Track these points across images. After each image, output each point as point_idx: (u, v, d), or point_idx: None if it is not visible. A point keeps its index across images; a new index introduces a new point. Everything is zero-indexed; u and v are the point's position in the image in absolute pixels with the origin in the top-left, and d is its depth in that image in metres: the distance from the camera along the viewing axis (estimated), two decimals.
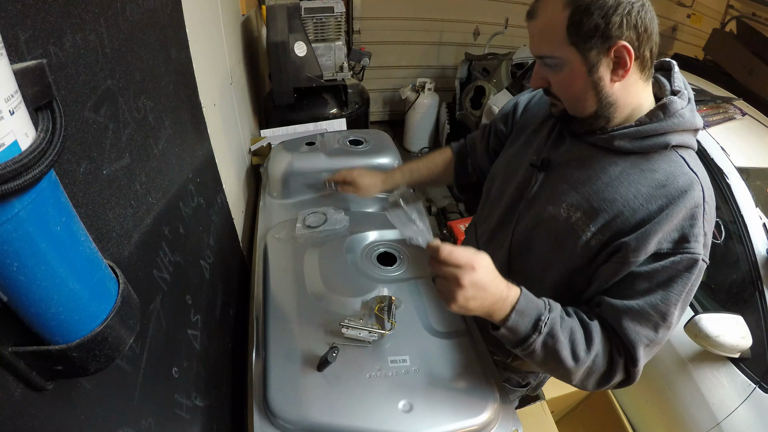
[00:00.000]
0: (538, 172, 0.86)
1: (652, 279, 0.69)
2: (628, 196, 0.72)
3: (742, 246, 1.42)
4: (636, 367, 0.71)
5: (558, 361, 0.71)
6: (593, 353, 0.71)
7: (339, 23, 1.98)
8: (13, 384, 0.37)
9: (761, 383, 1.27)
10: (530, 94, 1.04)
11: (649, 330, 0.69)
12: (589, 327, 0.72)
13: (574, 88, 0.74)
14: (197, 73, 1.01)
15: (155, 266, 0.68)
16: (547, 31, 0.71)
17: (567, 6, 0.68)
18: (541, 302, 0.73)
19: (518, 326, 0.70)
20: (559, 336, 0.70)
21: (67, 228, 0.37)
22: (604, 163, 0.76)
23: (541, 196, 0.85)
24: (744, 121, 1.85)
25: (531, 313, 0.70)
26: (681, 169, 0.72)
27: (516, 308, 0.70)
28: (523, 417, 0.87)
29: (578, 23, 0.67)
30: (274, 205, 1.41)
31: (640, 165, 0.74)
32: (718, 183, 1.52)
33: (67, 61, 0.47)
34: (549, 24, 0.70)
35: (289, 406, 0.80)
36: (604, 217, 0.74)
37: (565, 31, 0.68)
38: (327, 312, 0.98)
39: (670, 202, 0.69)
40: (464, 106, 3.27)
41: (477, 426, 0.81)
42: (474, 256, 0.68)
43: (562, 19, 0.68)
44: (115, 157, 0.57)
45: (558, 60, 0.72)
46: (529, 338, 0.70)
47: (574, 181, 0.79)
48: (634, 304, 0.69)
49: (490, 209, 1.01)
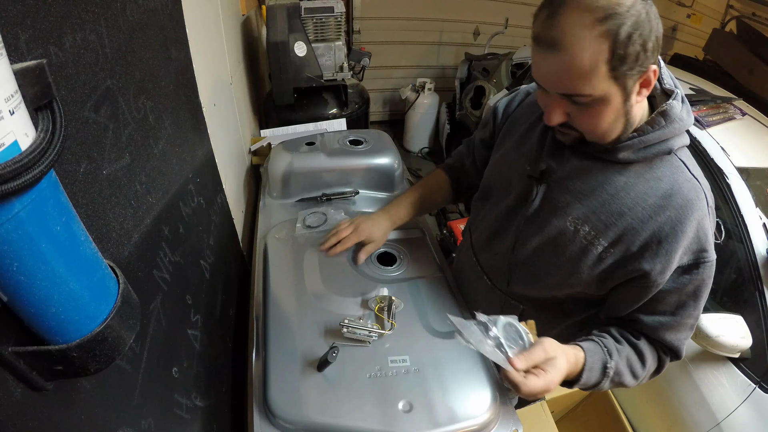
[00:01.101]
0: (537, 184, 0.83)
1: (681, 292, 0.74)
2: (636, 209, 0.72)
3: (742, 246, 1.42)
4: (680, 358, 0.82)
5: (623, 385, 0.82)
6: (647, 367, 0.81)
7: (339, 23, 1.98)
8: (13, 384, 0.37)
9: (761, 383, 1.27)
10: (508, 98, 1.00)
11: (687, 332, 0.79)
12: (639, 347, 0.80)
13: (606, 120, 0.67)
14: (197, 73, 1.01)
15: (155, 266, 0.68)
16: (583, 68, 0.61)
17: (605, 36, 0.59)
18: (601, 350, 0.78)
19: (590, 380, 0.78)
20: (622, 370, 0.79)
21: (67, 228, 0.37)
22: (608, 174, 0.75)
23: (543, 209, 0.82)
24: (744, 121, 1.85)
25: (597, 366, 0.78)
26: (684, 176, 0.72)
27: (585, 367, 0.77)
28: (523, 417, 0.87)
29: (623, 56, 0.60)
30: (274, 205, 1.41)
31: (644, 174, 0.73)
32: (718, 183, 1.52)
33: (67, 61, 0.47)
34: (586, 59, 0.60)
35: (289, 406, 0.80)
36: (613, 231, 0.74)
37: (607, 66, 0.60)
38: (327, 312, 0.98)
39: (679, 216, 0.70)
40: (464, 106, 3.26)
41: (477, 426, 0.81)
42: (550, 375, 0.70)
43: (602, 52, 0.59)
44: (115, 157, 0.57)
45: (593, 97, 0.64)
46: (600, 383, 0.79)
47: (577, 192, 0.77)
48: (672, 319, 0.77)
49: (485, 216, 0.99)
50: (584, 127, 0.71)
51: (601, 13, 0.58)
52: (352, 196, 1.43)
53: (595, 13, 0.58)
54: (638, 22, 0.59)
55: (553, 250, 0.81)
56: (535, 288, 0.89)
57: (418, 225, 1.30)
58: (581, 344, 0.78)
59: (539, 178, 0.82)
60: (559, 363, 0.72)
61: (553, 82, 0.66)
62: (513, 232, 0.89)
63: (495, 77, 3.10)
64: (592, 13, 0.58)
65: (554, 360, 0.72)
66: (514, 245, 0.89)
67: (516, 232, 0.88)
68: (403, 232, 1.25)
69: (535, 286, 0.89)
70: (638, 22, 0.59)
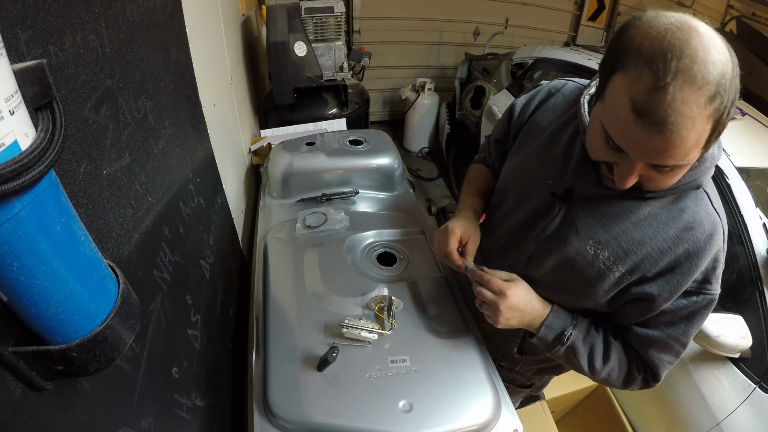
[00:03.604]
0: (561, 203, 0.79)
1: (675, 313, 0.75)
2: (657, 239, 0.72)
3: (742, 246, 1.42)
4: (657, 382, 0.82)
5: (577, 367, 0.84)
6: (608, 368, 0.81)
7: (339, 23, 1.98)
8: (13, 384, 0.37)
9: (761, 383, 1.27)
10: (527, 97, 0.94)
11: (671, 356, 0.79)
12: (609, 346, 0.82)
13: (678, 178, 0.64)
14: (197, 73, 1.01)
15: (155, 266, 0.68)
16: (688, 147, 0.56)
17: (713, 116, 0.54)
18: (569, 318, 0.83)
19: (546, 337, 0.83)
20: (580, 348, 0.81)
21: (67, 228, 0.37)
22: (634, 202, 0.73)
23: (563, 228, 0.79)
24: (744, 121, 1.84)
25: (557, 327, 0.82)
26: (706, 210, 0.71)
27: (545, 323, 0.82)
28: (523, 417, 0.87)
29: (721, 131, 0.57)
30: (274, 205, 1.41)
31: (669, 205, 0.72)
32: (719, 183, 1.52)
33: (67, 61, 0.47)
34: (693, 140, 0.55)
35: (289, 406, 0.80)
36: (632, 258, 0.73)
37: (707, 142, 0.57)
38: (327, 312, 0.98)
39: (697, 251, 0.70)
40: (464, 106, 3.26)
41: (477, 426, 0.81)
42: (506, 286, 0.80)
43: (707, 132, 0.56)
44: (115, 157, 0.57)
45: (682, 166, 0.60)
46: (554, 347, 0.83)
47: (600, 216, 0.75)
48: (659, 336, 0.77)
49: (498, 224, 0.95)
50: (652, 185, 0.66)
51: (711, 90, 0.52)
52: (352, 196, 1.43)
53: (707, 91, 0.52)
54: (735, 93, 0.54)
55: (570, 271, 0.79)
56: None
57: (418, 225, 1.30)
58: (554, 305, 0.84)
59: (563, 196, 0.79)
60: (517, 288, 0.80)
61: (650, 157, 0.60)
62: (529, 247, 0.86)
63: (495, 77, 3.10)
64: (704, 92, 0.52)
65: (515, 282, 0.81)
66: (529, 261, 0.86)
67: (532, 247, 0.85)
68: (403, 232, 1.25)
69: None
70: (735, 93, 0.54)
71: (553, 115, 0.86)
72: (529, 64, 2.79)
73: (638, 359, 0.82)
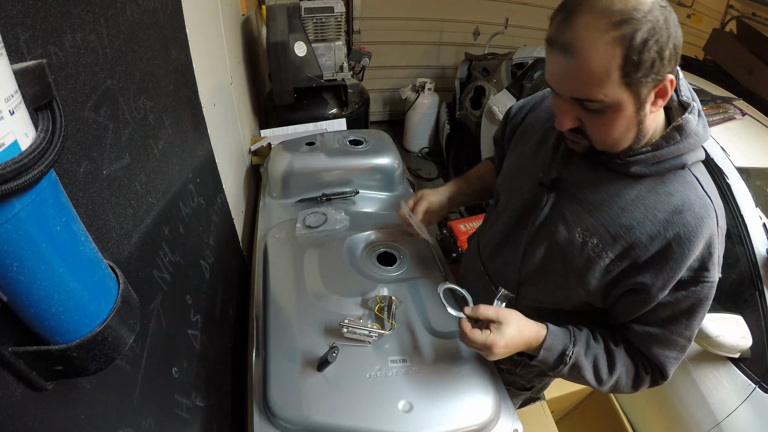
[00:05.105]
0: (548, 192, 0.81)
1: (675, 307, 0.73)
2: (645, 223, 0.71)
3: (742, 246, 1.42)
4: (665, 380, 0.80)
5: (584, 381, 0.82)
6: (615, 375, 0.80)
7: (339, 23, 1.98)
8: (13, 384, 0.37)
9: (761, 383, 1.27)
10: (524, 101, 0.98)
11: (677, 351, 0.77)
12: (612, 354, 0.80)
13: (618, 128, 0.66)
14: (197, 73, 1.01)
15: (155, 266, 0.68)
16: (595, 73, 0.60)
17: (619, 41, 0.57)
18: (567, 336, 0.81)
19: (547, 360, 0.81)
20: (584, 364, 0.80)
21: (67, 228, 0.37)
22: (619, 186, 0.73)
23: (552, 218, 0.81)
24: (744, 121, 1.84)
25: (557, 348, 0.80)
26: (696, 193, 0.70)
27: (544, 346, 0.80)
28: (523, 417, 0.87)
29: (637, 63, 0.58)
30: (274, 205, 1.41)
31: (656, 188, 0.71)
32: (718, 183, 1.52)
33: (67, 61, 0.47)
34: (597, 64, 0.59)
35: (289, 406, 0.80)
36: (621, 244, 0.73)
37: (620, 72, 0.59)
38: (327, 312, 0.98)
39: (688, 234, 0.68)
40: (464, 106, 3.26)
41: (477, 426, 0.81)
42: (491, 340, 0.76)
43: (615, 57, 0.58)
44: (115, 157, 0.57)
45: (605, 103, 0.63)
46: (557, 367, 0.81)
47: (587, 203, 0.76)
48: (661, 332, 0.76)
49: (493, 223, 0.97)
50: (595, 135, 0.69)
51: (616, 17, 0.57)
52: (352, 196, 1.43)
53: (610, 17, 0.57)
54: (655, 28, 0.57)
55: (561, 260, 0.80)
56: (544, 300, 0.89)
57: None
58: (549, 326, 0.82)
59: (550, 186, 0.81)
60: (505, 329, 0.77)
61: (565, 85, 0.65)
62: (523, 242, 0.86)
63: (495, 77, 3.10)
64: (607, 18, 0.57)
65: (501, 325, 0.77)
66: (523, 257, 0.87)
67: (526, 241, 0.86)
68: (404, 232, 1.25)
69: (544, 298, 0.88)
70: (655, 28, 0.57)
71: (546, 115, 0.89)
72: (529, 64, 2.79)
73: (644, 359, 0.80)
